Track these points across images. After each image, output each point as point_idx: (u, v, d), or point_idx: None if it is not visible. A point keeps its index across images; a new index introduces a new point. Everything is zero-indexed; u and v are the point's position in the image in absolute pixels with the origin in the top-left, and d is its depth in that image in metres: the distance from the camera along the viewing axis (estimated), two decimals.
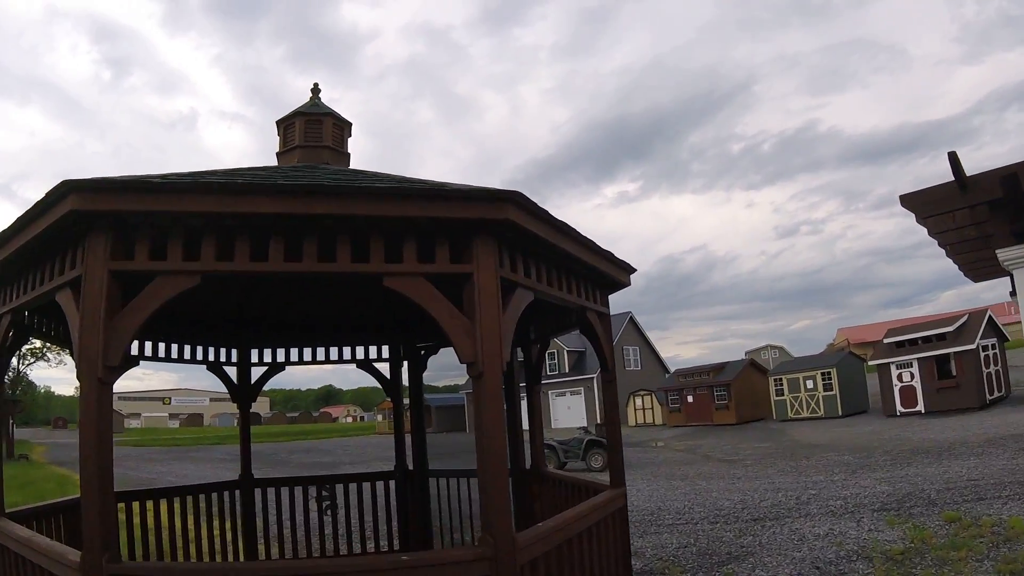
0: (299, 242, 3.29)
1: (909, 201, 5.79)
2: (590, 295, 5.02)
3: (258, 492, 7.59)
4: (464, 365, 3.47)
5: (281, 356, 7.79)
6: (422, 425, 7.88)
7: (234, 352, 7.65)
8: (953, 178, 5.24)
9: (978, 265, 7.74)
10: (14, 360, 58.75)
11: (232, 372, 7.64)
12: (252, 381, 7.70)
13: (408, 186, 3.47)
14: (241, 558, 7.44)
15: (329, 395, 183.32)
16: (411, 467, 7.91)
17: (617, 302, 6.76)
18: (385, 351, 7.94)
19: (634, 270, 5.53)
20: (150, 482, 23.09)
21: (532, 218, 3.63)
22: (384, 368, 7.96)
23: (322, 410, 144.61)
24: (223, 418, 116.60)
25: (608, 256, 4.91)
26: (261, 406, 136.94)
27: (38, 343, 58.48)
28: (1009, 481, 11.75)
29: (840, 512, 11.20)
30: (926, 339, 29.62)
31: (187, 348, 7.20)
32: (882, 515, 10.45)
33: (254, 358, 7.75)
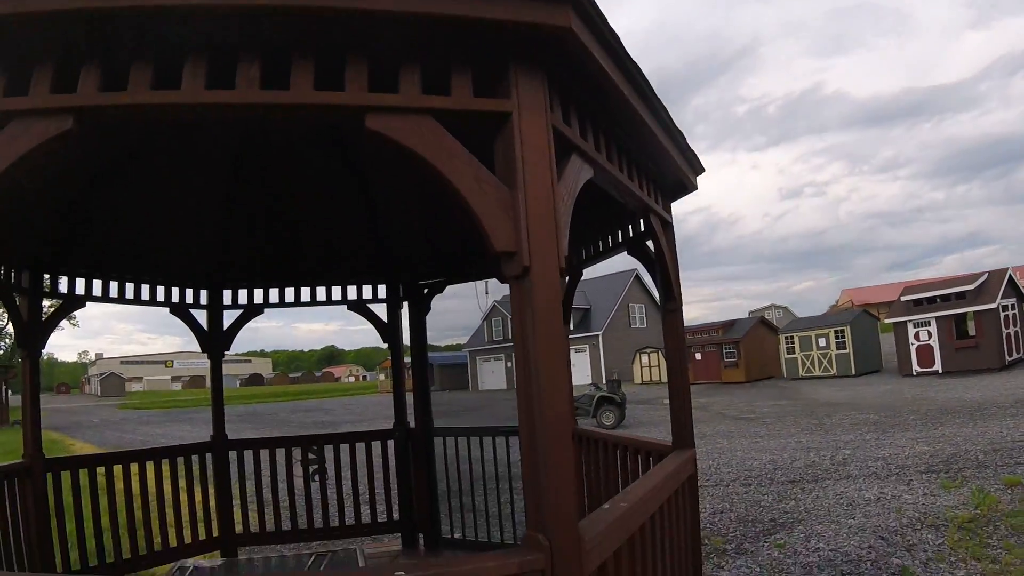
0: (231, 65, 2.01)
1: None
2: (653, 194, 3.74)
3: (235, 455, 6.40)
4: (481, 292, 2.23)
5: (259, 297, 6.56)
6: (425, 377, 6.69)
7: (204, 293, 6.44)
8: None
9: None
10: (9, 326, 58.68)
11: (202, 317, 6.42)
12: (225, 327, 6.46)
13: None
14: (215, 530, 6.29)
15: (332, 356, 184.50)
16: (413, 425, 6.72)
17: (621, 262, 5.66)
18: (382, 291, 6.72)
19: (703, 169, 4.25)
20: (140, 444, 22.22)
21: (599, 42, 2.32)
22: (381, 310, 6.73)
23: (325, 370, 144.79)
24: (226, 380, 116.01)
25: (682, 141, 3.62)
26: (263, 367, 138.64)
27: None
28: None
29: (884, 474, 10.33)
30: (945, 298, 28.85)
31: (145, 288, 6.01)
32: (932, 477, 9.59)
33: (227, 300, 6.53)
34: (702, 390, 33.94)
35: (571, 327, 50.72)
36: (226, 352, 6.50)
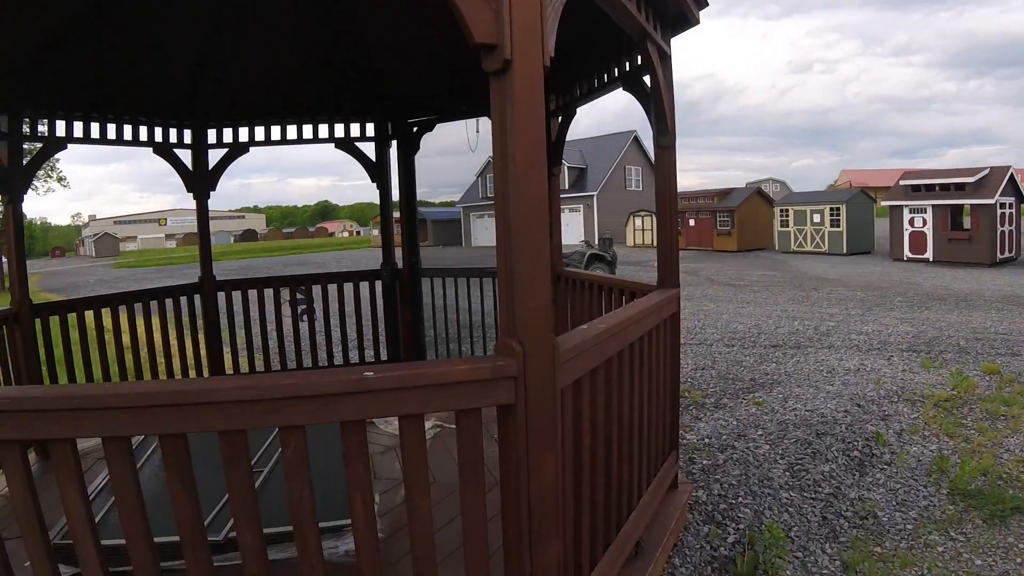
0: None
1: None
2: (652, 21, 3.52)
3: (223, 296, 6.41)
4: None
5: (244, 135, 6.37)
6: (413, 216, 6.58)
7: (187, 132, 6.24)
8: None
9: None
10: None
11: (186, 156, 6.25)
12: (210, 167, 6.31)
13: None
14: (205, 371, 6.39)
15: (325, 211, 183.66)
16: (400, 265, 6.70)
17: (619, 122, 5.42)
18: (370, 129, 6.51)
19: (707, 3, 4.00)
20: None
21: None
22: (370, 150, 6.54)
23: (318, 226, 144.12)
24: (220, 236, 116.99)
25: None
26: (257, 223, 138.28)
27: None
28: None
29: (865, 348, 10.52)
30: (944, 187, 28.30)
31: (128, 129, 5.82)
32: (913, 356, 9.75)
33: (211, 139, 6.33)
34: (693, 256, 34.12)
35: (566, 186, 50.57)
36: (217, 207, 6.39)
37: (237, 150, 6.33)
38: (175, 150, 6.15)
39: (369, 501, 2.00)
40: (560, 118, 5.36)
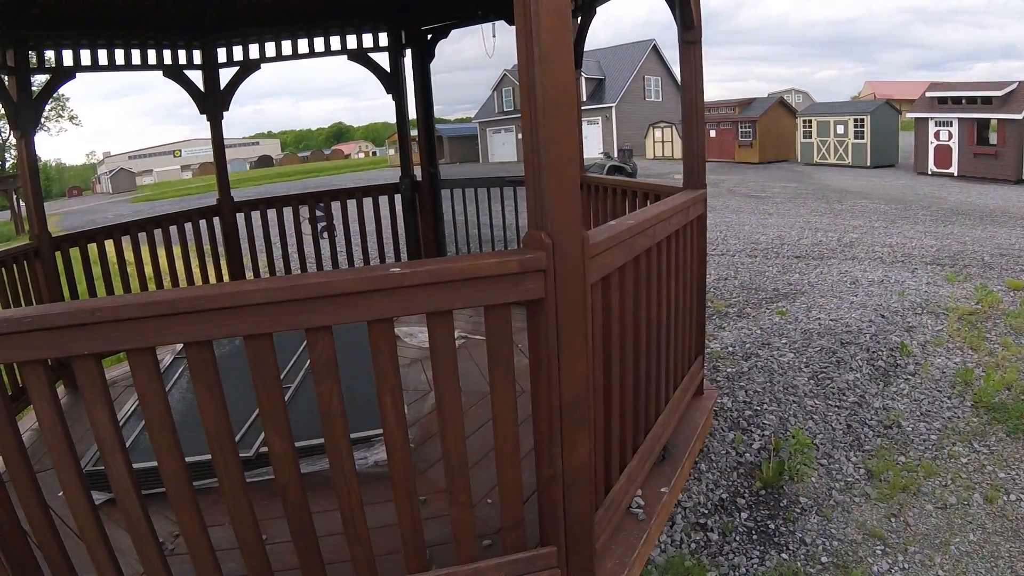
0: None
1: None
2: None
3: (242, 217, 6.36)
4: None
5: (255, 52, 6.18)
6: (431, 127, 6.42)
7: (196, 53, 6.06)
8: None
9: None
10: (4, 130, 58.02)
11: (197, 77, 6.10)
12: (222, 87, 6.17)
13: None
14: None
15: (340, 132, 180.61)
16: (419, 178, 6.59)
17: (638, 32, 5.17)
18: (383, 38, 6.29)
19: None
20: None
21: None
22: (383, 60, 6.34)
23: (334, 148, 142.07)
24: (235, 164, 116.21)
25: None
26: (272, 148, 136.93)
27: None
28: None
29: (889, 260, 10.38)
30: (971, 100, 27.22)
31: (136, 52, 5.66)
32: (937, 269, 9.59)
33: (221, 57, 6.16)
34: (714, 168, 33.51)
35: (584, 98, 49.11)
36: (231, 135, 6.31)
37: (248, 67, 6.17)
38: (185, 72, 6.00)
39: (399, 401, 1.98)
40: (580, 18, 5.15)
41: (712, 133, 38.19)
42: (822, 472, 4.64)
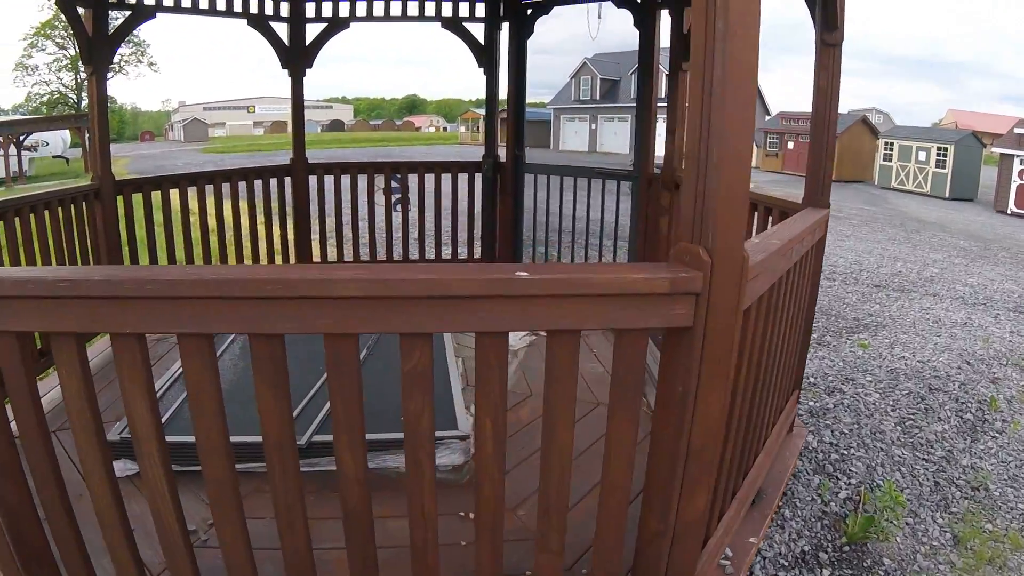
0: None
1: None
2: None
3: (313, 181, 6.10)
4: None
5: (345, 10, 5.88)
6: (522, 107, 6.05)
7: (284, 6, 5.79)
8: None
9: None
10: (83, 73, 59.46)
11: (283, 31, 5.83)
12: (307, 42, 5.90)
13: None
14: (292, 258, 6.17)
15: (413, 104, 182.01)
16: (503, 159, 6.21)
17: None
18: (480, 9, 5.93)
19: None
20: None
21: None
22: (478, 31, 5.97)
23: (405, 119, 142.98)
24: (307, 125, 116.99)
25: None
26: (345, 114, 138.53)
27: (116, 59, 58.77)
28: None
29: (971, 301, 9.74)
30: None
31: None
32: (1020, 317, 8.94)
33: (309, 12, 5.87)
34: (789, 181, 32.68)
35: (663, 93, 49.72)
36: (305, 96, 5.97)
37: (336, 25, 5.89)
38: (271, 23, 5.73)
39: (502, 430, 1.63)
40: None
41: (790, 145, 37.69)
42: (908, 532, 4.21)
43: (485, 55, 5.95)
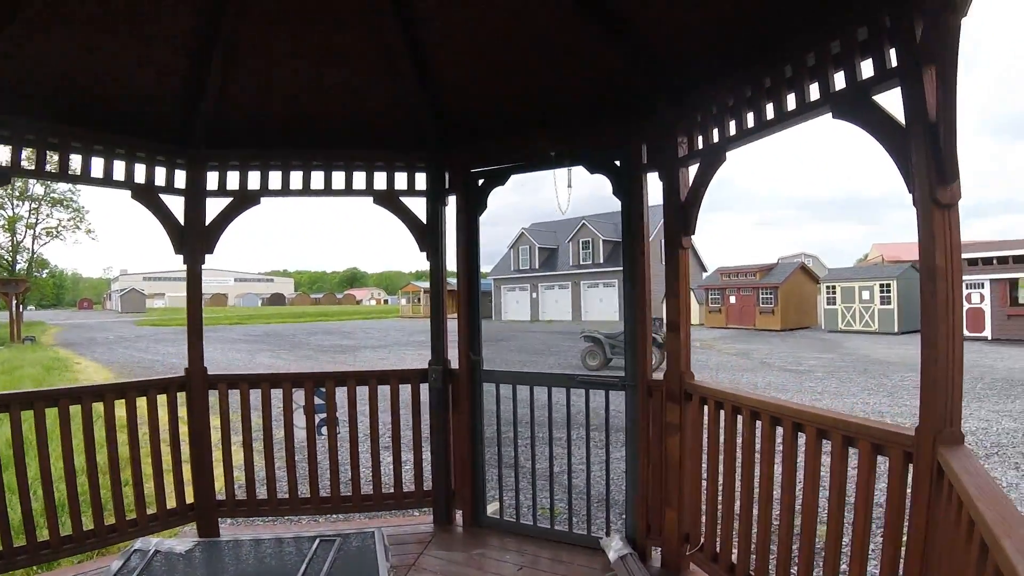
0: None
1: None
2: None
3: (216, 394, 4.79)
4: None
5: (255, 181, 4.82)
6: (476, 300, 4.88)
7: (180, 173, 4.71)
8: None
9: None
10: (28, 240, 58.29)
11: (177, 205, 4.72)
12: (207, 221, 4.75)
13: None
14: (188, 495, 4.72)
15: (354, 277, 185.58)
16: (454, 365, 5.00)
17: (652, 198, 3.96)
18: (420, 180, 4.93)
19: None
20: (150, 363, 21.10)
21: None
22: (417, 206, 4.92)
23: (347, 292, 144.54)
24: (247, 298, 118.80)
25: None
26: (285, 287, 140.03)
27: (53, 223, 58.09)
28: None
29: (983, 453, 8.77)
30: (1002, 259, 26.94)
31: (98, 161, 4.30)
32: None
33: (211, 183, 4.79)
34: (737, 335, 32.42)
35: (602, 259, 49.82)
36: (247, 269, 4.93)
37: (245, 199, 4.78)
38: (161, 195, 4.62)
39: None
40: (698, 165, 3.77)
41: (732, 299, 38.35)
42: None
43: (428, 237, 4.87)
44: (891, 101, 2.54)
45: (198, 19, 3.95)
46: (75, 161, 4.25)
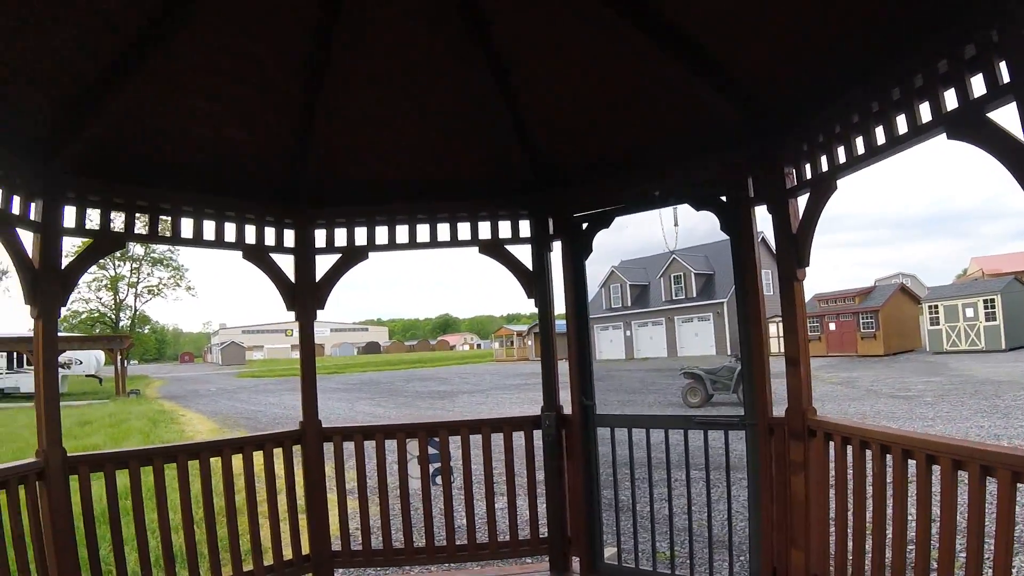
0: None
1: None
2: None
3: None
4: None
5: (362, 237, 4.98)
6: (587, 344, 4.82)
7: (289, 234, 4.90)
8: None
9: None
10: (130, 298, 61.68)
11: (287, 263, 4.91)
12: (317, 278, 4.93)
13: None
14: (304, 546, 4.80)
15: (447, 324, 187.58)
16: (567, 410, 4.94)
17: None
18: (524, 228, 4.98)
19: None
20: (253, 413, 21.70)
21: None
22: (523, 253, 4.96)
23: (440, 338, 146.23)
24: (343, 347, 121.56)
25: None
26: (380, 335, 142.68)
27: (155, 281, 61.50)
28: None
29: None
30: None
31: (210, 224, 4.53)
32: None
33: (319, 242, 4.97)
34: (839, 363, 31.24)
35: (695, 293, 48.89)
36: (341, 319, 4.99)
37: (353, 255, 4.95)
38: (272, 255, 4.82)
39: None
40: (808, 195, 3.69)
41: (831, 326, 36.86)
42: None
43: (535, 282, 4.90)
44: (1007, 117, 2.47)
45: (304, 83, 4.18)
46: (186, 225, 4.46)
